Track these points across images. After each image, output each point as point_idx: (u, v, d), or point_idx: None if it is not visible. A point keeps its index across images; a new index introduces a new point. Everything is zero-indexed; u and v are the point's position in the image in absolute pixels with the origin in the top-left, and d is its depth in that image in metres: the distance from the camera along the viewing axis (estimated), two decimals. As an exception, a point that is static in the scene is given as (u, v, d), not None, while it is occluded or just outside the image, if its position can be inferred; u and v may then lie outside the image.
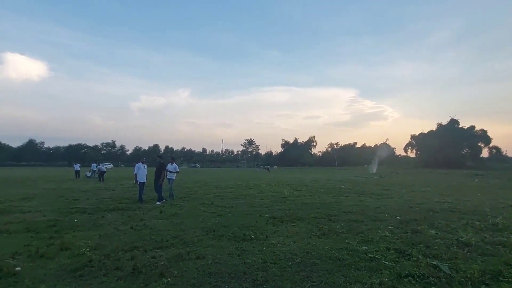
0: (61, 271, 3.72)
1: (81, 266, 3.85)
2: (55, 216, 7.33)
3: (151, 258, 4.18)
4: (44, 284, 3.32)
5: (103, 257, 4.19)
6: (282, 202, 10.11)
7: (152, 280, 3.44)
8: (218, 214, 7.81)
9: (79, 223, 6.61)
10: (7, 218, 7.10)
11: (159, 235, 5.48)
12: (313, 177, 27.46)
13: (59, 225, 6.36)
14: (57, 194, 12.37)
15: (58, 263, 4.01)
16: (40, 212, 7.93)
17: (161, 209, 8.36)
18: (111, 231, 5.84)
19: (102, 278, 3.51)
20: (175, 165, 11.15)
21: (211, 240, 5.18)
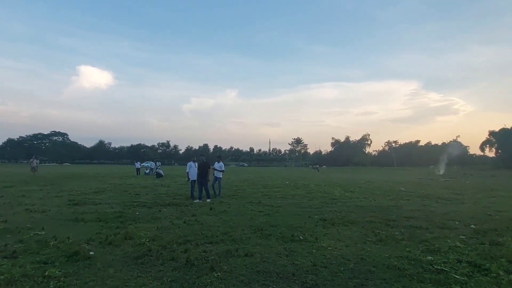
0: (125, 258, 4.17)
1: (142, 254, 4.27)
2: (120, 208, 8.23)
3: (203, 252, 4.44)
4: (112, 268, 3.76)
5: (160, 247, 4.58)
6: (333, 204, 9.80)
7: (204, 273, 3.65)
8: (266, 213, 7.92)
9: (140, 215, 7.32)
10: (82, 208, 8.19)
11: (210, 231, 5.78)
12: (367, 178, 26.04)
13: (123, 216, 7.12)
14: (122, 189, 13.83)
15: (123, 250, 4.50)
16: (108, 204, 8.97)
17: (211, 206, 8.79)
18: (167, 224, 6.34)
19: (159, 267, 3.84)
20: (221, 163, 11.56)
21: (259, 239, 5.28)
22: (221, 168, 11.44)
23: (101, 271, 3.65)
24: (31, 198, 10.17)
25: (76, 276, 3.48)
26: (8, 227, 5.83)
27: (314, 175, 32.43)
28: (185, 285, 3.33)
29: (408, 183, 19.84)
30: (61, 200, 9.75)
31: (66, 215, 7.17)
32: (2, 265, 3.73)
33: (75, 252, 4.22)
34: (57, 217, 7.00)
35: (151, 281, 3.40)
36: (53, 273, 3.47)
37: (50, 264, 3.85)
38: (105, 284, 3.28)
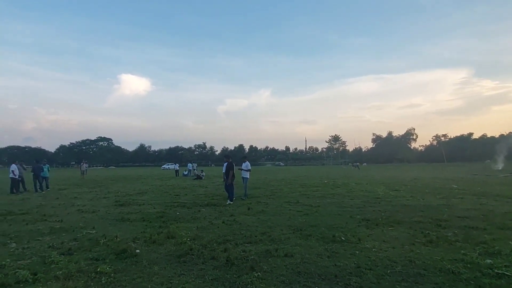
0: (168, 256, 4.39)
1: (183, 253, 4.45)
2: (162, 209, 8.67)
3: (242, 251, 4.50)
4: (157, 265, 3.98)
5: (201, 247, 4.74)
6: (376, 203, 9.37)
7: (244, 272, 3.70)
8: (304, 213, 7.82)
9: (180, 215, 7.65)
10: (128, 209, 8.78)
11: (248, 231, 5.85)
12: (413, 175, 24.49)
13: (165, 216, 7.50)
14: (163, 190, 14.58)
15: (166, 249, 4.74)
16: (151, 205, 9.51)
17: (248, 206, 8.89)
18: (206, 224, 6.55)
19: (201, 266, 3.98)
20: (247, 163, 11.63)
21: (299, 239, 5.23)
22: (247, 167, 11.51)
23: (147, 268, 3.87)
24: (82, 200, 11.14)
25: (124, 273, 3.73)
26: (64, 226, 6.45)
27: (355, 173, 31.28)
28: (226, 284, 3.41)
29: (461, 180, 18.28)
30: (109, 201, 10.55)
31: (113, 215, 7.73)
32: (60, 261, 4.13)
33: (123, 250, 4.54)
34: (106, 217, 7.58)
35: (193, 279, 3.53)
36: (104, 269, 3.76)
37: (101, 261, 4.18)
38: (151, 281, 3.47)
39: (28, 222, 6.89)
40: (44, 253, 4.51)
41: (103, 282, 3.43)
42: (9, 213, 7.98)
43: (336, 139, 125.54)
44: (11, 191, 13.67)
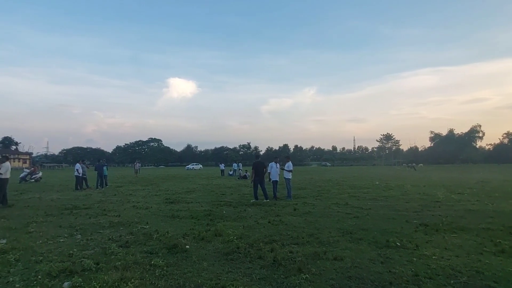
0: (216, 253, 4.55)
1: (231, 251, 4.58)
2: (209, 207, 9.03)
3: (289, 252, 4.48)
4: (206, 262, 4.16)
5: (248, 246, 4.83)
6: (436, 207, 8.64)
7: (291, 273, 3.68)
8: (354, 215, 7.51)
9: (226, 214, 7.89)
10: (177, 206, 9.31)
11: (295, 232, 5.80)
12: (480, 177, 22.04)
13: (212, 214, 7.79)
14: (209, 189, 15.18)
15: (214, 246, 4.92)
16: (198, 203, 9.96)
17: (295, 207, 8.82)
18: (252, 224, 6.65)
19: (248, 264, 4.05)
20: (289, 163, 11.49)
21: (349, 243, 5.04)
22: (289, 168, 11.39)
23: (197, 264, 4.06)
24: (136, 197, 12.09)
25: (176, 267, 3.96)
26: (121, 220, 7.06)
27: (410, 175, 29.16)
28: (273, 283, 3.43)
29: (546, 183, 15.93)
30: (160, 199, 11.30)
31: (164, 212, 8.26)
32: (119, 253, 4.53)
33: (174, 245, 4.82)
34: (157, 213, 8.12)
35: (241, 277, 3.61)
36: (157, 263, 4.03)
37: (155, 254, 4.49)
38: (201, 276, 3.63)
39: (91, 216, 7.68)
40: (104, 245, 4.98)
41: (157, 274, 3.68)
42: (75, 208, 8.99)
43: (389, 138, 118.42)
44: (76, 187, 15.39)
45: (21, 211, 8.47)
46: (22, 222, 6.85)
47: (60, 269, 3.73)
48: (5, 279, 3.54)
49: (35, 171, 22.87)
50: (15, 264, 4.04)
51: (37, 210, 8.61)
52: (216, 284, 3.39)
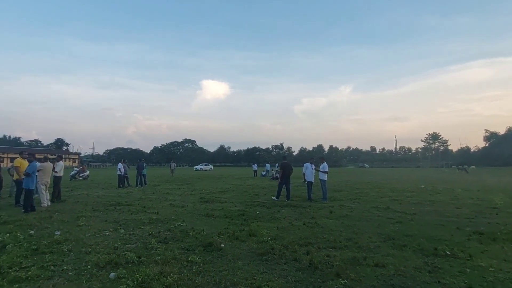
0: (251, 253, 4.61)
1: (265, 252, 4.61)
2: (242, 207, 9.16)
3: (326, 256, 4.40)
4: (240, 261, 4.23)
5: (282, 247, 4.83)
6: (493, 214, 7.95)
7: (329, 278, 3.61)
8: (397, 220, 7.17)
9: (260, 215, 7.94)
10: (212, 206, 9.56)
11: (332, 235, 5.68)
12: (548, 183, 19.77)
13: (246, 214, 7.90)
14: (242, 190, 15.39)
15: (248, 246, 4.99)
16: (232, 203, 10.15)
17: (331, 209, 8.63)
18: (287, 225, 6.63)
19: (283, 266, 4.05)
20: (324, 164, 11.23)
21: (391, 249, 4.82)
22: (325, 169, 11.12)
23: (232, 263, 4.15)
24: (173, 195, 12.62)
25: (212, 264, 4.08)
26: (159, 217, 7.41)
27: (460, 178, 27.07)
28: (310, 287, 3.39)
29: None
30: (195, 198, 11.68)
31: (199, 211, 8.53)
32: (158, 248, 4.77)
33: (209, 243, 4.97)
34: (193, 212, 8.41)
35: (276, 278, 3.62)
36: (194, 259, 4.19)
37: (191, 251, 4.66)
38: (236, 275, 3.71)
39: (132, 212, 8.17)
40: (145, 240, 5.28)
41: (194, 270, 3.82)
42: (118, 204, 9.61)
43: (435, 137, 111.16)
44: (118, 185, 16.46)
45: (72, 206, 9.26)
46: (73, 216, 7.49)
47: (106, 260, 4.04)
48: (60, 267, 3.90)
49: (84, 170, 24.91)
50: (68, 254, 4.44)
51: (85, 205, 9.36)
52: (252, 283, 3.44)
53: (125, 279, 3.46)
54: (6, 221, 6.75)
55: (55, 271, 3.75)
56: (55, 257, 4.27)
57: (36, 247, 4.63)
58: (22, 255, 4.27)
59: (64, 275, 3.65)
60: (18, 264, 3.92)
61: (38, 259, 4.14)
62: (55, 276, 3.60)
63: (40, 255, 4.33)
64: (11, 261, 3.99)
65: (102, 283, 3.41)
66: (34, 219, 6.94)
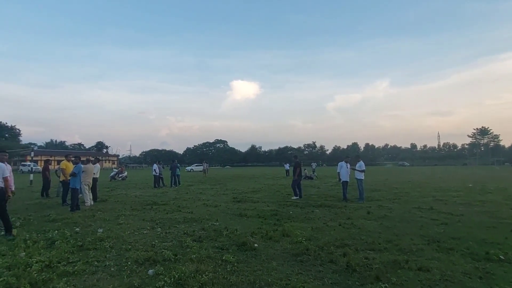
0: (285, 254, 4.59)
1: (300, 252, 4.56)
2: (275, 207, 9.15)
3: (364, 258, 4.26)
4: (275, 261, 4.23)
5: (317, 248, 4.75)
6: (555, 216, 7.18)
7: (368, 281, 3.49)
8: (442, 222, 6.75)
9: (293, 215, 7.88)
10: (244, 205, 9.66)
11: (370, 237, 5.49)
12: None
13: (279, 214, 7.88)
14: (275, 189, 15.37)
15: (282, 246, 4.97)
16: (264, 203, 10.18)
17: (368, 210, 8.34)
18: (321, 226, 6.51)
19: (318, 267, 3.99)
20: (361, 163, 10.84)
21: (436, 252, 4.55)
22: (361, 168, 10.72)
23: (266, 263, 4.16)
24: (206, 195, 12.94)
25: (246, 264, 4.13)
26: (193, 217, 7.63)
27: (515, 176, 24.83)
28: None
29: None
30: (227, 197, 11.88)
31: (232, 210, 8.66)
32: (193, 247, 4.92)
33: (243, 242, 5.03)
34: (226, 211, 8.56)
35: (311, 280, 3.57)
36: (228, 258, 4.26)
37: (226, 250, 4.75)
38: (270, 275, 3.71)
39: (168, 211, 8.50)
40: (180, 238, 5.47)
41: (228, 269, 3.89)
42: (154, 203, 10.06)
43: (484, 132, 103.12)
44: (154, 185, 17.22)
45: (113, 205, 9.85)
46: (113, 214, 7.97)
47: (145, 257, 4.25)
48: (102, 262, 4.18)
49: (122, 171, 26.41)
50: (110, 250, 4.74)
51: (124, 204, 9.91)
52: (286, 284, 3.43)
53: (162, 275, 3.61)
54: (54, 219, 7.35)
55: (99, 267, 4.02)
56: (98, 253, 4.58)
57: (81, 244, 4.99)
58: (69, 250, 4.63)
59: (106, 270, 3.89)
60: (66, 259, 4.26)
61: (83, 255, 4.46)
62: (99, 271, 3.86)
63: (85, 251, 4.67)
64: (60, 256, 4.34)
65: (142, 279, 3.58)
66: (79, 217, 7.48)
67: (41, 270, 3.77)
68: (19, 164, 54.80)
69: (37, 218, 7.53)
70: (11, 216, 6.22)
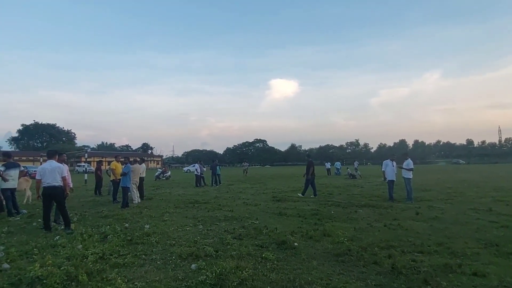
0: (326, 253, 4.55)
1: (341, 253, 4.49)
2: (315, 207, 9.05)
3: (411, 261, 4.07)
4: (315, 261, 4.22)
5: (360, 249, 4.63)
6: None
7: (415, 284, 3.35)
8: (502, 224, 6.19)
9: (335, 214, 7.74)
10: (284, 205, 9.69)
11: (418, 239, 5.22)
12: None
13: (319, 214, 7.79)
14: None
15: (323, 246, 4.93)
16: (305, 202, 10.12)
17: (417, 211, 7.90)
18: (365, 226, 6.32)
19: (361, 269, 3.90)
20: (409, 161, 10.23)
21: (494, 257, 4.21)
22: (409, 166, 10.11)
23: (306, 262, 4.17)
24: (245, 194, 13.19)
25: (286, 262, 4.17)
26: (234, 215, 7.84)
27: None
28: (392, 292, 3.20)
29: None
30: (267, 197, 12.00)
31: (272, 209, 8.74)
32: (234, 244, 5.07)
33: (283, 241, 5.07)
34: (266, 210, 8.66)
35: (354, 281, 3.51)
36: (268, 256, 4.33)
37: (265, 248, 4.83)
38: (311, 274, 3.71)
39: (209, 209, 8.83)
40: (221, 236, 5.67)
41: (268, 267, 3.96)
42: (196, 202, 10.50)
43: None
44: (195, 184, 17.96)
45: (158, 203, 10.48)
46: (158, 212, 8.48)
47: (188, 253, 4.49)
48: (149, 256, 4.50)
49: (166, 170, 27.91)
50: (156, 245, 5.07)
51: (168, 202, 10.49)
52: (327, 284, 3.41)
53: (204, 270, 3.80)
54: (106, 215, 8.03)
55: (146, 260, 4.33)
56: (145, 247, 4.93)
57: (130, 238, 5.40)
58: (120, 244, 5.04)
59: (153, 263, 4.19)
60: (117, 252, 4.64)
61: (132, 249, 4.84)
62: (146, 264, 4.16)
63: (133, 245, 5.05)
64: (112, 249, 4.74)
65: (185, 273, 3.80)
66: (128, 214, 8.08)
67: (95, 261, 4.16)
68: (75, 164, 60.45)
69: (91, 214, 8.28)
70: (69, 212, 6.91)
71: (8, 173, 8.28)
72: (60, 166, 6.50)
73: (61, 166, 6.52)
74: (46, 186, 6.20)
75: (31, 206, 9.83)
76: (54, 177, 6.23)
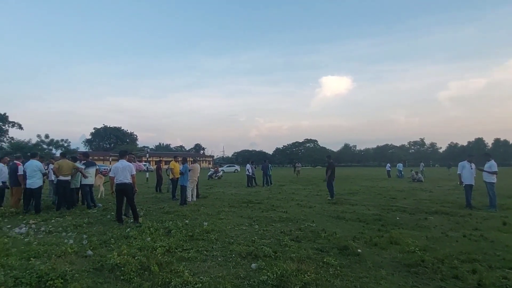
0: (395, 263, 4.24)
1: (413, 263, 4.14)
2: (377, 211, 8.56)
3: (502, 278, 3.62)
4: (383, 270, 3.96)
5: (436, 260, 4.23)
6: None
7: (510, 306, 2.94)
8: None
9: (401, 221, 7.23)
10: (341, 208, 9.34)
11: (508, 253, 4.63)
12: None
13: (383, 220, 7.33)
14: (375, 192, 14.40)
15: (390, 254, 4.62)
16: (364, 206, 9.63)
17: (504, 220, 7.00)
18: (439, 235, 5.79)
19: (439, 283, 3.56)
20: (491, 162, 9.00)
21: None
22: (492, 169, 8.92)
23: (373, 271, 3.93)
24: (299, 195, 13.03)
25: (350, 269, 3.98)
26: (289, 216, 7.77)
27: None
28: (482, 313, 2.85)
29: None
30: (321, 199, 11.70)
31: (328, 212, 8.48)
32: (292, 246, 5.01)
33: (344, 246, 4.87)
34: (322, 213, 8.44)
35: (431, 295, 3.21)
36: (330, 261, 4.18)
37: (326, 252, 4.68)
38: (379, 284, 3.49)
39: (263, 210, 8.89)
40: (278, 237, 5.65)
41: (331, 272, 3.82)
42: (250, 202, 10.65)
43: None
44: (247, 185, 18.27)
45: (213, 202, 10.87)
46: (214, 210, 8.79)
47: (247, 251, 4.56)
48: (210, 252, 4.68)
49: (217, 170, 28.97)
50: (215, 242, 5.27)
51: (223, 201, 10.82)
52: (400, 296, 3.17)
53: (265, 270, 3.80)
54: (168, 211, 8.54)
55: (208, 256, 4.51)
56: (206, 243, 5.14)
57: (191, 234, 5.68)
58: (183, 239, 5.34)
59: (215, 259, 4.34)
60: (181, 246, 4.92)
61: (194, 244, 5.07)
62: (208, 260, 4.34)
63: (195, 241, 5.30)
64: (176, 243, 5.04)
65: (246, 271, 3.85)
66: (187, 211, 8.51)
67: (163, 254, 4.46)
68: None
69: (155, 210, 8.90)
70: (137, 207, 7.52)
71: (87, 171, 9.41)
72: (130, 165, 7.17)
73: (131, 165, 7.19)
74: (118, 183, 6.91)
75: (104, 201, 10.91)
76: (125, 175, 6.93)
